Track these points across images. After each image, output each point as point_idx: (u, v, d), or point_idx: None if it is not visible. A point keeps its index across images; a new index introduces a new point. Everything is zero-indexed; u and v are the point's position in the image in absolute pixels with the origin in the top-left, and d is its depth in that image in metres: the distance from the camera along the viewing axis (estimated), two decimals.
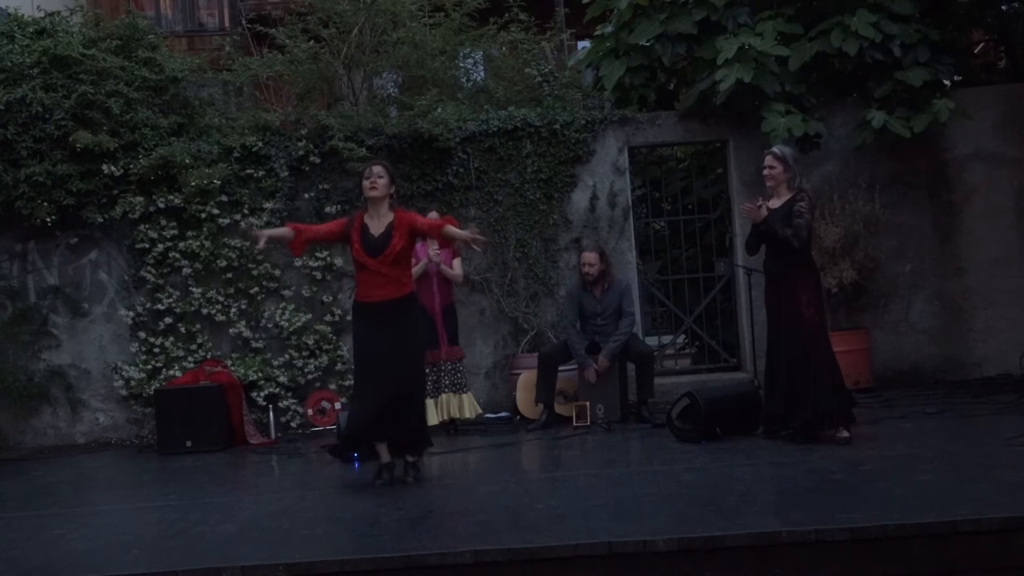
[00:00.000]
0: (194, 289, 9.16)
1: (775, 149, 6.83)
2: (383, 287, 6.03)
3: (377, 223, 6.08)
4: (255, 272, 9.20)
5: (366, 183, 6.08)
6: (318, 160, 9.26)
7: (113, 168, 8.98)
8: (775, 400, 6.79)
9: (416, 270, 8.10)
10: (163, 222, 9.13)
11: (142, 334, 9.19)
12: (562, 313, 8.63)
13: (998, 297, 9.35)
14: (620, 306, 8.25)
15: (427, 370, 8.04)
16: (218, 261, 9.12)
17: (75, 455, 8.69)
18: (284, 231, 6.30)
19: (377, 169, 6.12)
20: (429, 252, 8.02)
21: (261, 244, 6.20)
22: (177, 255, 9.13)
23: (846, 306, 9.21)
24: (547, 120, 9.38)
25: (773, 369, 6.78)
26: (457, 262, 8.29)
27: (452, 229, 6.14)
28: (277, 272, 9.23)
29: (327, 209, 9.20)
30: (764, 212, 6.65)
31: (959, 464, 5.71)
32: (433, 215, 8.13)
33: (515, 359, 9.14)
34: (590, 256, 8.29)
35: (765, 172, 6.76)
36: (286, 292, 9.24)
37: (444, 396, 8.08)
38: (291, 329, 9.11)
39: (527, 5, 11.00)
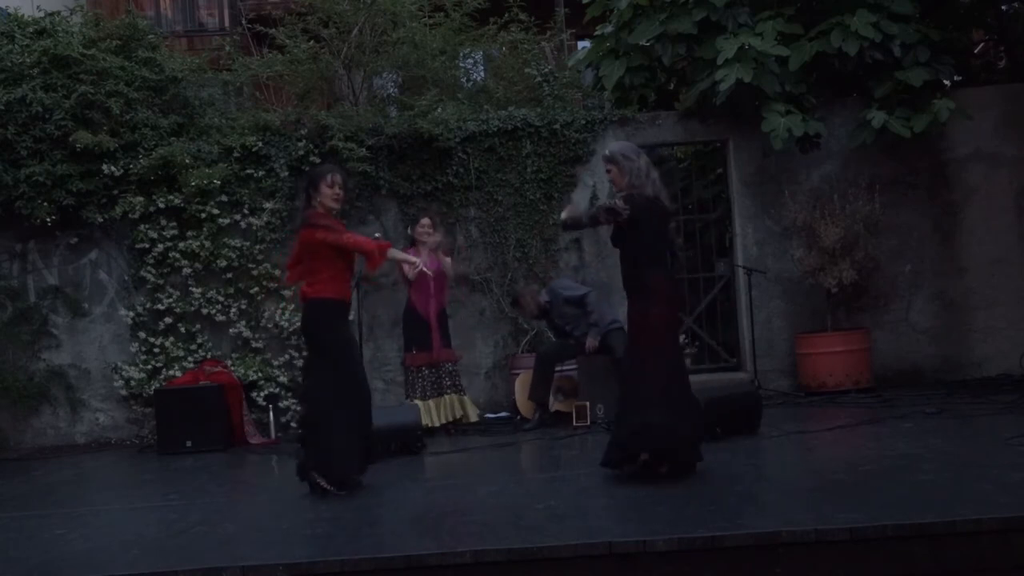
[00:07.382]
0: (194, 289, 9.16)
1: (607, 150, 5.88)
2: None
3: None
4: (255, 272, 9.21)
5: (339, 192, 5.97)
6: (318, 160, 9.24)
7: (113, 168, 8.98)
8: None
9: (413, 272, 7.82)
10: (163, 222, 9.14)
11: (142, 334, 9.19)
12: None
13: (998, 297, 9.35)
14: (579, 306, 8.31)
15: (424, 372, 8.08)
16: (218, 261, 9.12)
17: (75, 455, 8.69)
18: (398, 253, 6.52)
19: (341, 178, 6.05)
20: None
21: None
22: (177, 255, 9.13)
23: (846, 306, 9.22)
24: (547, 120, 9.38)
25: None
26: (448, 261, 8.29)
27: None
28: (277, 272, 9.23)
29: None
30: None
31: (959, 464, 5.70)
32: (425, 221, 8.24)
33: (515, 359, 9.14)
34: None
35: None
36: (286, 292, 9.23)
37: (448, 397, 8.12)
38: (291, 329, 9.11)
39: (527, 5, 11.01)
